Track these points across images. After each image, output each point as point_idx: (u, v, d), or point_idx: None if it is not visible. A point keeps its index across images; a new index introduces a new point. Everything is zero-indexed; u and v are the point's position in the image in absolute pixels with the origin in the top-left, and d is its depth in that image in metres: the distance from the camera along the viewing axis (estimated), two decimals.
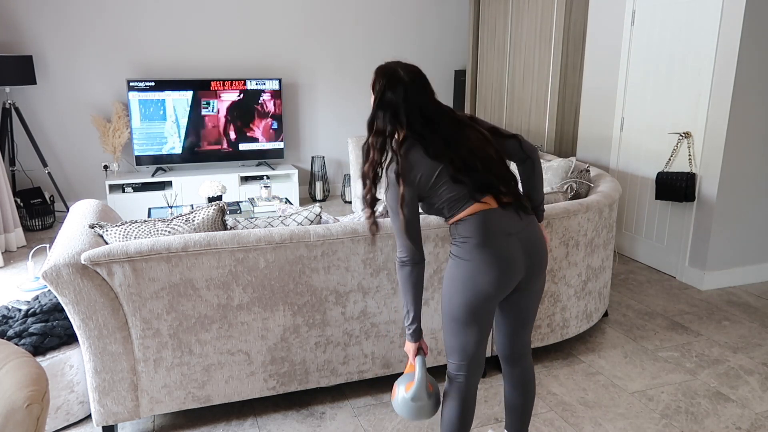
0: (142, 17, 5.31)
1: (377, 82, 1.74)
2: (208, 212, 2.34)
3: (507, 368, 1.99)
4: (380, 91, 1.73)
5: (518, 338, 1.94)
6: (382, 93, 1.72)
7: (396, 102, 1.70)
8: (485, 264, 1.71)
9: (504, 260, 1.72)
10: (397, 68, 1.74)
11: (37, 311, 2.44)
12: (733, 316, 3.43)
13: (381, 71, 1.76)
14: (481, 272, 1.72)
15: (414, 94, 1.72)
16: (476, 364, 1.85)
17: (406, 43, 6.20)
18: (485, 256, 1.71)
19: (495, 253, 1.71)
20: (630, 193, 4.29)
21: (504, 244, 1.72)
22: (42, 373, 1.47)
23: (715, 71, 3.55)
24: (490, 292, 1.73)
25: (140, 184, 5.23)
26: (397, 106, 1.71)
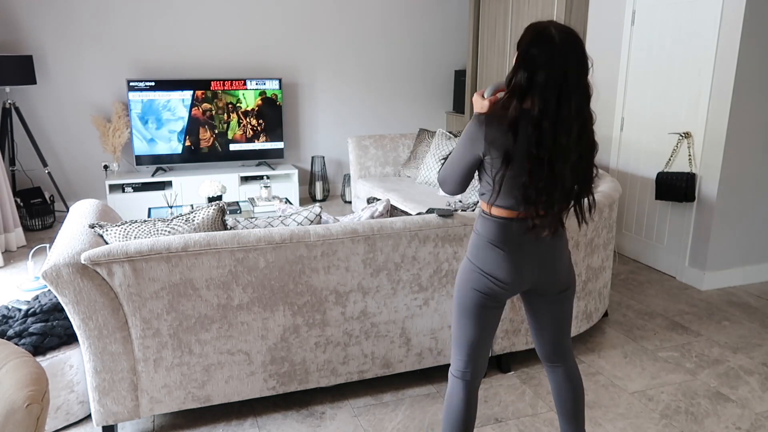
0: (142, 17, 5.31)
1: (524, 37, 1.56)
2: (208, 212, 2.34)
3: (549, 368, 1.96)
4: (525, 44, 1.54)
5: (555, 341, 1.91)
6: (526, 48, 1.53)
7: (539, 60, 1.51)
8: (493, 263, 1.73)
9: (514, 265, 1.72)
10: (551, 28, 1.53)
11: (37, 311, 2.44)
12: (733, 316, 3.43)
13: (531, 26, 1.57)
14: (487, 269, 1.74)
15: (563, 56, 1.51)
16: (481, 363, 1.86)
17: (407, 43, 6.20)
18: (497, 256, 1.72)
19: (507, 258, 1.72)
20: (630, 193, 4.29)
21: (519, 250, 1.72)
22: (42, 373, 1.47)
23: (715, 71, 3.55)
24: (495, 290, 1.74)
25: (140, 184, 5.22)
26: (538, 65, 1.51)
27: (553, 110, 1.52)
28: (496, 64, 5.58)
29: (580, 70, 1.54)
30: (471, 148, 1.66)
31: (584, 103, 1.58)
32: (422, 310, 2.52)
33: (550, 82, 1.51)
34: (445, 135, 4.77)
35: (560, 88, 1.52)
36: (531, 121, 1.54)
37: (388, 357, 2.53)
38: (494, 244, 1.72)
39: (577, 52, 1.53)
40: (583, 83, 1.56)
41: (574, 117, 1.55)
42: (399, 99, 6.34)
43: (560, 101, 1.52)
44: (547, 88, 1.51)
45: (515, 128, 1.55)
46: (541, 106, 1.52)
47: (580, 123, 1.58)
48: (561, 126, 1.54)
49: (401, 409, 2.50)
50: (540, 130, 1.53)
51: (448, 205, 3.26)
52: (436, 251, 2.45)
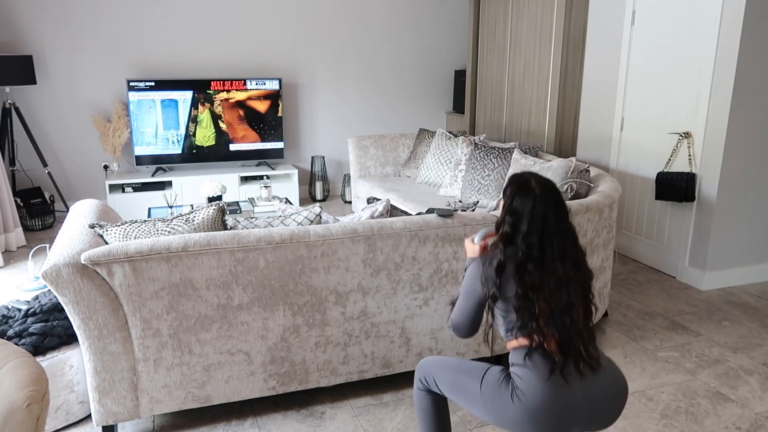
0: (142, 17, 5.31)
1: (508, 188, 1.73)
2: (208, 212, 2.34)
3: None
4: (509, 197, 1.71)
5: None
6: (510, 200, 1.70)
7: (521, 210, 1.67)
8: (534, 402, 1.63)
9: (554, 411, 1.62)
10: (531, 180, 1.70)
11: (37, 311, 2.44)
12: (733, 316, 3.43)
13: (513, 178, 1.74)
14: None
15: (542, 206, 1.66)
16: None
17: (406, 43, 6.21)
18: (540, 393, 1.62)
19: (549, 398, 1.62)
20: (630, 193, 4.29)
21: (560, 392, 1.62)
22: (42, 373, 1.47)
23: (715, 71, 3.55)
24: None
25: (140, 184, 5.22)
26: (521, 215, 1.67)
27: (536, 255, 1.65)
28: (496, 64, 5.58)
29: (559, 216, 1.68)
30: (474, 290, 1.74)
31: (568, 243, 1.69)
32: (422, 310, 2.52)
33: (531, 229, 1.65)
34: (445, 135, 4.77)
35: (540, 234, 1.65)
36: (515, 262, 1.65)
37: (388, 357, 2.53)
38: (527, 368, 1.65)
39: (555, 200, 1.68)
40: (564, 226, 1.69)
41: (557, 258, 1.66)
42: (399, 99, 6.34)
43: (542, 245, 1.65)
44: (529, 235, 1.65)
45: (501, 270, 1.66)
46: (524, 249, 1.65)
47: (570, 262, 1.67)
48: (546, 267, 1.65)
49: (401, 409, 2.50)
50: (525, 271, 1.64)
51: (448, 205, 3.26)
52: (436, 251, 2.45)
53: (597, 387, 1.64)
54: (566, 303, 1.65)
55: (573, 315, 1.64)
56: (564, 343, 1.63)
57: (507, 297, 1.66)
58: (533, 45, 4.97)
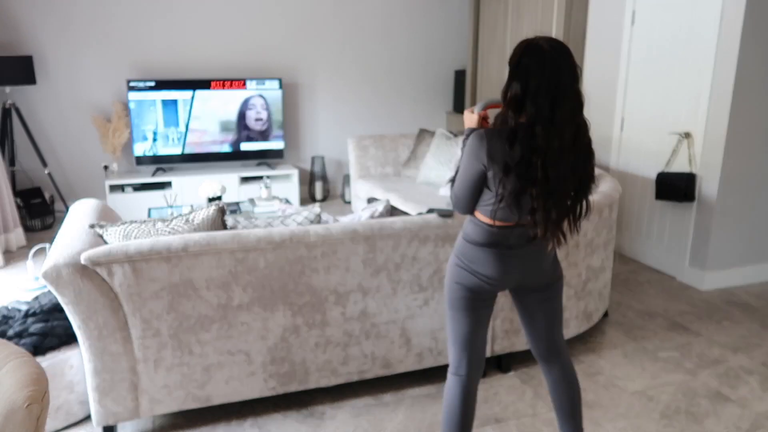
0: (142, 17, 5.31)
1: (515, 52, 1.63)
2: (208, 212, 2.34)
3: (544, 367, 1.98)
4: (516, 57, 1.61)
5: (548, 338, 1.93)
6: (518, 60, 1.60)
7: (531, 69, 1.57)
8: (479, 261, 1.77)
9: (499, 262, 1.76)
10: (540, 40, 1.61)
11: (37, 311, 2.44)
12: (733, 316, 3.43)
13: (520, 42, 1.64)
14: (474, 266, 1.78)
15: (554, 63, 1.56)
16: (477, 359, 1.88)
17: (407, 43, 6.20)
18: (484, 255, 1.76)
19: (493, 257, 1.76)
20: (630, 193, 4.29)
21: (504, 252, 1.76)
22: (42, 373, 1.47)
23: (715, 71, 3.55)
24: (482, 286, 1.79)
25: (140, 184, 5.22)
26: (530, 74, 1.57)
27: (546, 116, 1.56)
28: (496, 64, 5.58)
29: (571, 76, 1.59)
30: (475, 163, 1.69)
31: (577, 109, 1.62)
32: (422, 310, 2.52)
33: (542, 89, 1.56)
34: (445, 135, 4.77)
35: (553, 94, 1.56)
36: (524, 126, 1.58)
37: (388, 357, 2.53)
38: (483, 246, 1.76)
39: (567, 59, 1.59)
40: (574, 89, 1.61)
41: (566, 122, 1.58)
42: (399, 99, 6.33)
43: (553, 107, 1.56)
44: (539, 95, 1.56)
45: (513, 138, 1.59)
46: (533, 111, 1.57)
47: (573, 128, 1.61)
48: (554, 131, 1.57)
49: (401, 409, 2.50)
50: (533, 134, 1.57)
51: (448, 205, 3.26)
52: (436, 251, 2.45)
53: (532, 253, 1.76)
54: (564, 172, 1.62)
55: (565, 189, 1.65)
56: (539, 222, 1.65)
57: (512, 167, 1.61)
58: None
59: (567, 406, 1.97)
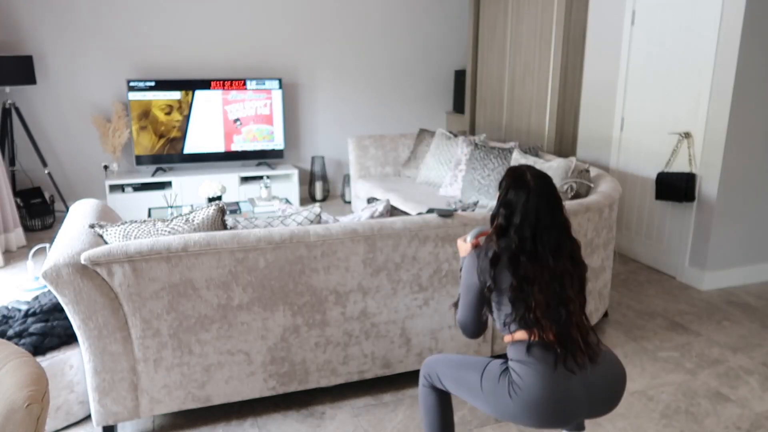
0: (142, 17, 5.31)
1: (504, 180, 1.76)
2: (208, 212, 2.34)
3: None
4: (504, 189, 1.73)
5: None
6: (505, 192, 1.73)
7: (515, 203, 1.69)
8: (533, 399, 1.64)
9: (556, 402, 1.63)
10: (527, 173, 1.73)
11: (37, 311, 2.44)
12: (733, 316, 3.43)
13: (510, 170, 1.77)
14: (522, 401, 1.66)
15: (536, 199, 1.68)
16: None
17: (407, 43, 6.20)
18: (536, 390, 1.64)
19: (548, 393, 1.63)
20: (630, 193, 4.29)
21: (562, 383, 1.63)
22: (42, 373, 1.48)
23: (715, 71, 3.55)
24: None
25: (140, 184, 5.23)
26: (515, 207, 1.69)
27: (529, 246, 1.67)
28: (496, 64, 5.58)
29: (554, 209, 1.70)
30: (471, 283, 1.75)
31: (562, 236, 1.71)
32: (422, 310, 2.52)
33: (524, 222, 1.67)
34: (445, 135, 4.77)
35: (534, 226, 1.67)
36: (509, 254, 1.67)
37: (388, 357, 2.53)
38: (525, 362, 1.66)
39: (550, 194, 1.71)
40: (559, 221, 1.71)
41: (551, 251, 1.67)
42: (399, 99, 6.34)
43: (534, 238, 1.67)
44: (522, 227, 1.67)
45: (495, 261, 1.68)
46: (516, 242, 1.67)
47: (561, 254, 1.69)
48: (538, 259, 1.67)
49: (401, 409, 2.50)
50: (517, 262, 1.66)
51: (448, 205, 3.26)
52: (436, 251, 2.45)
53: (595, 375, 1.66)
54: (561, 296, 1.66)
55: (569, 307, 1.66)
56: (562, 335, 1.64)
57: (502, 289, 1.68)
58: (533, 45, 4.97)
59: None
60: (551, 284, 1.66)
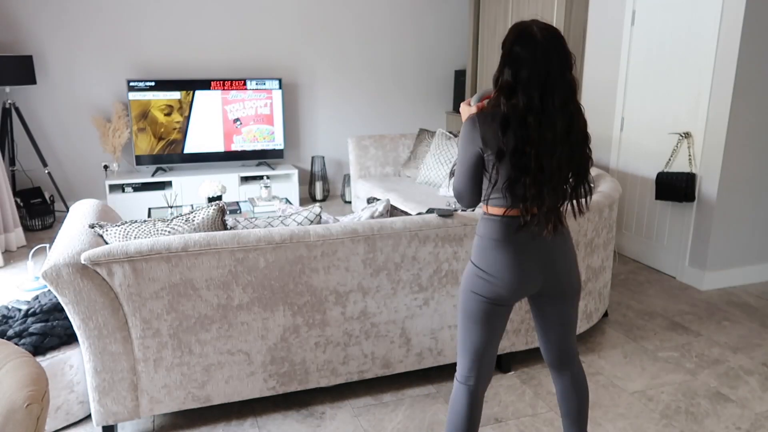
0: (142, 17, 5.31)
1: (508, 36, 1.62)
2: (208, 212, 2.34)
3: (555, 374, 1.95)
4: (509, 44, 1.61)
5: (561, 346, 1.89)
6: (510, 47, 1.60)
7: (522, 58, 1.57)
8: (497, 266, 1.71)
9: (519, 265, 1.71)
10: (533, 25, 1.60)
11: (37, 311, 2.44)
12: (733, 316, 3.43)
13: (514, 26, 1.64)
14: (492, 272, 1.72)
15: (545, 52, 1.56)
16: (487, 370, 1.84)
17: (406, 43, 6.20)
18: (501, 257, 1.71)
19: (511, 258, 1.70)
20: (630, 193, 4.29)
21: (523, 250, 1.70)
22: (42, 373, 1.47)
23: (715, 71, 3.55)
24: (501, 294, 1.73)
25: (140, 184, 5.23)
26: (522, 62, 1.57)
27: (537, 105, 1.56)
28: (496, 64, 5.57)
29: (563, 65, 1.59)
30: (470, 147, 1.68)
31: (569, 97, 1.61)
32: (422, 310, 2.52)
33: (533, 78, 1.56)
34: (445, 135, 4.77)
35: (543, 83, 1.56)
36: (517, 115, 1.57)
37: (388, 357, 2.53)
38: (495, 241, 1.71)
39: (559, 48, 1.58)
40: (567, 78, 1.60)
41: (558, 111, 1.58)
42: (399, 99, 6.34)
43: (543, 96, 1.56)
44: (530, 84, 1.56)
45: (506, 124, 1.59)
46: (525, 101, 1.56)
47: (566, 116, 1.61)
48: (546, 120, 1.57)
49: (401, 409, 2.50)
50: (525, 124, 1.57)
51: (448, 205, 3.26)
52: (436, 251, 2.45)
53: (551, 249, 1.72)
54: (559, 161, 1.61)
55: (561, 175, 1.63)
56: (542, 210, 1.64)
57: (507, 152, 1.60)
58: None
59: (574, 413, 1.95)
60: (553, 148, 1.58)
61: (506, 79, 1.59)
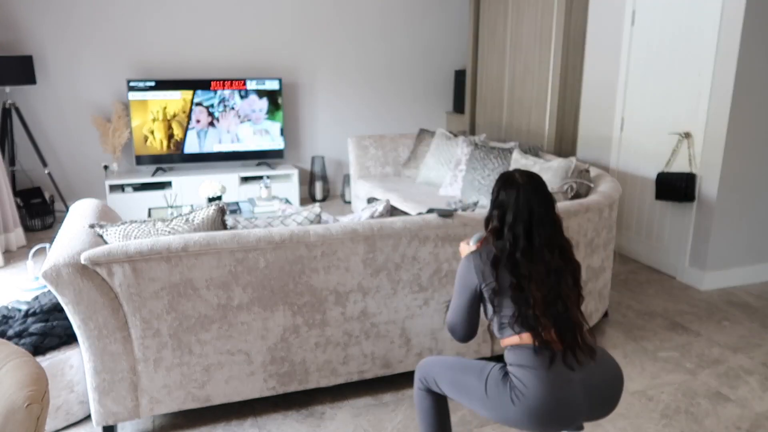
0: (142, 17, 5.31)
1: (495, 184, 1.79)
2: (208, 212, 2.35)
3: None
4: (495, 192, 1.77)
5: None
6: (497, 194, 1.76)
7: (507, 202, 1.72)
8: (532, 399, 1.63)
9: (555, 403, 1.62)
10: (514, 172, 1.78)
11: (37, 311, 2.44)
12: (733, 316, 3.43)
13: (499, 176, 1.81)
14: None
15: (526, 195, 1.71)
16: None
17: (407, 43, 6.20)
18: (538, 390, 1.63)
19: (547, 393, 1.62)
20: (630, 193, 4.29)
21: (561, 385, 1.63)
22: (42, 373, 1.48)
23: (715, 71, 3.55)
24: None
25: (140, 184, 5.23)
26: (507, 206, 1.72)
27: (523, 243, 1.68)
28: (496, 64, 5.58)
29: (546, 204, 1.73)
30: (467, 283, 1.76)
31: (554, 234, 1.73)
32: (422, 310, 2.52)
33: (517, 219, 1.69)
34: (445, 135, 4.77)
35: (527, 222, 1.69)
36: (505, 254, 1.69)
37: (388, 357, 2.53)
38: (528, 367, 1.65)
39: (539, 189, 1.73)
40: (550, 216, 1.73)
41: (545, 246, 1.69)
42: (399, 99, 6.34)
43: (529, 234, 1.69)
44: (515, 225, 1.69)
45: (496, 262, 1.70)
46: (511, 240, 1.69)
47: (554, 250, 1.71)
48: (535, 256, 1.68)
49: (401, 409, 2.50)
50: (515, 262, 1.68)
51: (448, 205, 3.26)
52: (436, 251, 2.45)
53: (594, 375, 1.66)
54: (558, 290, 1.68)
55: (567, 302, 1.68)
56: (561, 330, 1.65)
57: (503, 289, 1.69)
58: (533, 45, 4.97)
59: None
60: (548, 278, 1.68)
61: (494, 224, 1.74)
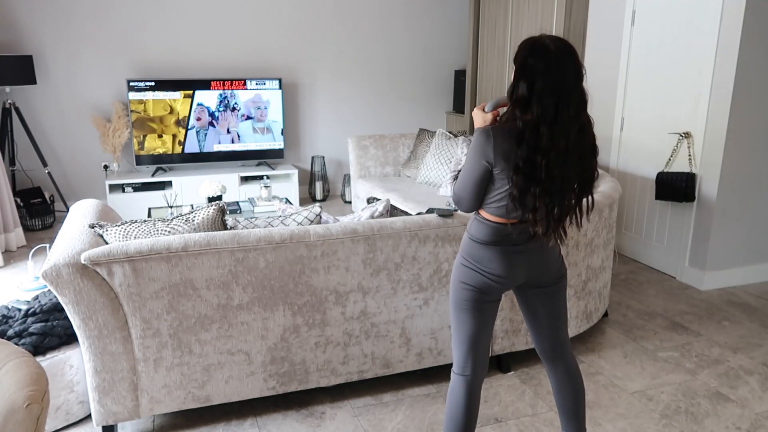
0: (142, 17, 5.31)
1: (520, 51, 1.63)
2: (208, 212, 2.34)
3: (549, 367, 1.98)
4: (522, 57, 1.61)
5: (552, 336, 1.93)
6: (524, 60, 1.60)
7: (536, 69, 1.57)
8: (486, 259, 1.77)
9: (505, 260, 1.77)
10: (546, 39, 1.60)
11: (37, 311, 2.44)
12: (733, 316, 3.43)
13: (525, 41, 1.64)
14: (481, 265, 1.78)
15: (558, 63, 1.57)
16: (482, 359, 1.87)
17: (406, 43, 6.20)
18: (490, 254, 1.77)
19: (500, 256, 1.76)
20: (630, 193, 4.29)
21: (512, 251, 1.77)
22: (42, 373, 1.47)
23: (715, 71, 3.55)
24: (488, 283, 1.78)
25: (140, 184, 5.23)
26: (536, 74, 1.57)
27: (551, 115, 1.58)
28: (496, 64, 5.58)
29: (577, 76, 1.61)
30: (481, 161, 1.70)
31: (581, 109, 1.64)
32: (422, 310, 2.52)
33: (548, 89, 1.57)
34: (445, 135, 4.77)
35: (558, 94, 1.57)
36: (530, 127, 1.59)
37: (388, 357, 2.53)
38: (486, 243, 1.77)
39: (573, 59, 1.60)
40: (579, 89, 1.62)
41: (571, 121, 1.60)
42: (399, 99, 6.34)
43: (558, 107, 1.58)
44: (545, 95, 1.57)
45: (521, 138, 1.61)
46: (539, 111, 1.58)
47: (577, 127, 1.63)
48: (559, 130, 1.59)
49: (401, 409, 2.50)
50: (538, 134, 1.59)
51: (448, 205, 3.26)
52: (436, 251, 2.45)
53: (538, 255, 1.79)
54: (568, 171, 1.63)
55: (570, 184, 1.68)
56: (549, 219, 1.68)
57: (517, 167, 1.63)
58: None
59: (571, 406, 1.97)
60: (563, 156, 1.59)
61: (521, 92, 1.60)
